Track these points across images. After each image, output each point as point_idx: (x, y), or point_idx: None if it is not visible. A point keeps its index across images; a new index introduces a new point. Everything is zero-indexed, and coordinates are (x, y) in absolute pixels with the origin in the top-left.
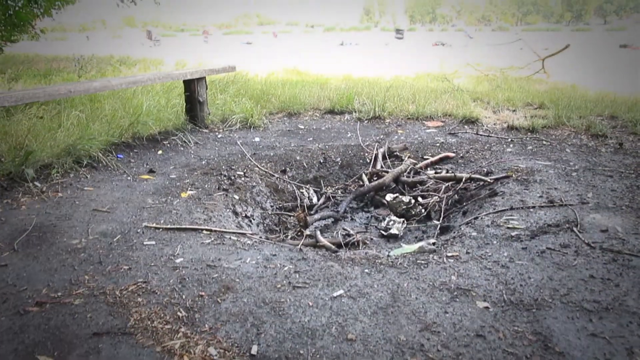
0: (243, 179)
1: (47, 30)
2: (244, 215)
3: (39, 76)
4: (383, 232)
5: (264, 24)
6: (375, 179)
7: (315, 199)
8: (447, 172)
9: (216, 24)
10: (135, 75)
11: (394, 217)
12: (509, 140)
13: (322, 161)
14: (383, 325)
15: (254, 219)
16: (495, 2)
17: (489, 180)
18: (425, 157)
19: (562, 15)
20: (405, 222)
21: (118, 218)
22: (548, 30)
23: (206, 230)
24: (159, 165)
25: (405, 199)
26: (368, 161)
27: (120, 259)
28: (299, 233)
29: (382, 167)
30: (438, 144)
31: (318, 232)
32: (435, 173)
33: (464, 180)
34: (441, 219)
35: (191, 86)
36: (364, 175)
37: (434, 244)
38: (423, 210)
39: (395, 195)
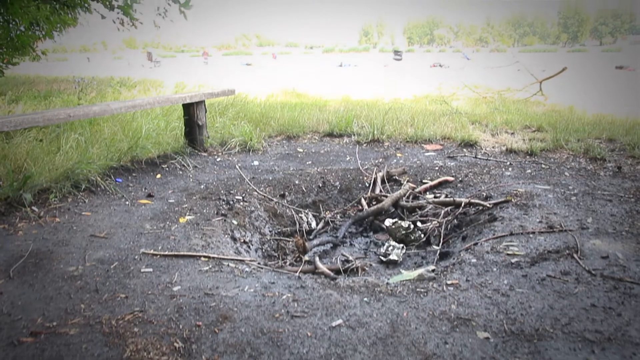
0: (242, 203)
1: (48, 52)
2: (242, 240)
3: (39, 97)
4: (382, 258)
5: (264, 45)
6: (374, 203)
7: (314, 224)
8: (446, 196)
9: (216, 45)
10: (134, 99)
11: (393, 243)
12: (508, 163)
13: (321, 185)
14: (382, 357)
15: (252, 245)
16: (493, 23)
17: (487, 205)
18: (424, 181)
19: (559, 36)
20: (405, 247)
21: (115, 244)
22: (545, 51)
23: (204, 257)
24: (157, 190)
25: (405, 224)
26: (367, 185)
27: (117, 287)
28: (298, 259)
29: (381, 191)
30: (437, 168)
31: (317, 259)
32: (435, 197)
33: (463, 205)
34: (440, 244)
35: (190, 110)
36: (362, 200)
37: (433, 270)
38: (422, 236)
39: (394, 220)
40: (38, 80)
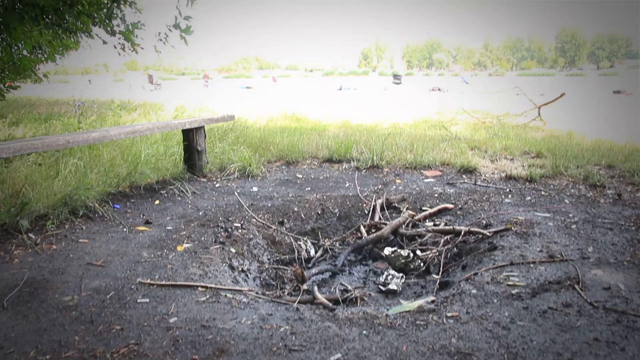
0: (240, 230)
1: (49, 74)
2: (240, 269)
3: (40, 120)
4: (381, 287)
5: (264, 68)
6: (373, 231)
7: (312, 251)
8: (446, 224)
9: (216, 68)
10: (133, 124)
11: (392, 272)
12: (507, 190)
13: (320, 212)
14: None
15: (250, 273)
16: (491, 47)
17: (487, 233)
18: (423, 208)
19: (556, 60)
20: (404, 276)
21: (112, 273)
22: (543, 75)
23: (201, 287)
24: (155, 216)
25: (404, 252)
26: (366, 212)
27: (113, 318)
28: (297, 287)
29: (380, 218)
30: (436, 195)
31: (315, 288)
32: (434, 225)
33: (462, 233)
34: (440, 273)
35: (190, 135)
36: (362, 227)
37: (433, 301)
38: (422, 264)
39: (393, 248)
40: (39, 102)
